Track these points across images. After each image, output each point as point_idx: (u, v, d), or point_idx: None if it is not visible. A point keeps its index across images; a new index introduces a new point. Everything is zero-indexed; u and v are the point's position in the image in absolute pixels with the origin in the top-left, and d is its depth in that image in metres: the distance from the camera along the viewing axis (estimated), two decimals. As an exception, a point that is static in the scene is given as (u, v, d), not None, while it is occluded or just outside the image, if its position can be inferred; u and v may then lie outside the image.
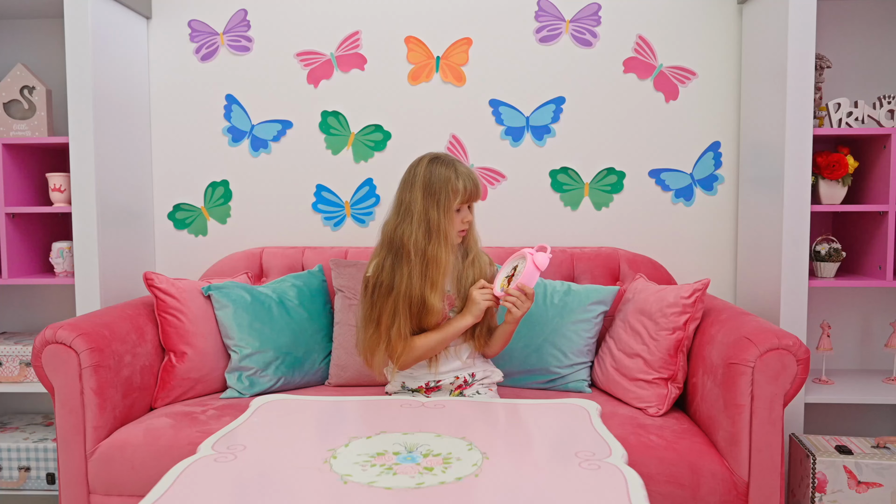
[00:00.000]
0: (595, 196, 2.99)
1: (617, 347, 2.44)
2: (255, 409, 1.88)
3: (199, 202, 3.07)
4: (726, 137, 2.94)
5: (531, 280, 2.07)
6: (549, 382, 2.49)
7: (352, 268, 2.63)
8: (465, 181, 2.10)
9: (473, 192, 2.12)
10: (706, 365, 2.20)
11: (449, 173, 2.08)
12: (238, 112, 3.02)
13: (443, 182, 2.07)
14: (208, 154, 3.05)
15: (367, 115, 3.00)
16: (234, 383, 2.44)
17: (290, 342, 2.51)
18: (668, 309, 2.29)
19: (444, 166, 2.10)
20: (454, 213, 2.10)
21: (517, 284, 2.08)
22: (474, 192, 2.12)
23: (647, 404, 2.29)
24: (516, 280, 2.08)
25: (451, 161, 2.13)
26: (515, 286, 2.08)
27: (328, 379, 2.57)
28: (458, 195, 2.08)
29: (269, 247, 2.93)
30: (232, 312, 2.47)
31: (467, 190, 2.10)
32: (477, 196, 2.14)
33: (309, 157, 3.02)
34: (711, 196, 2.97)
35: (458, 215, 2.12)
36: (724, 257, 2.97)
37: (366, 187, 3.02)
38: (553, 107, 2.96)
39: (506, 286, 2.09)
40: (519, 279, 2.08)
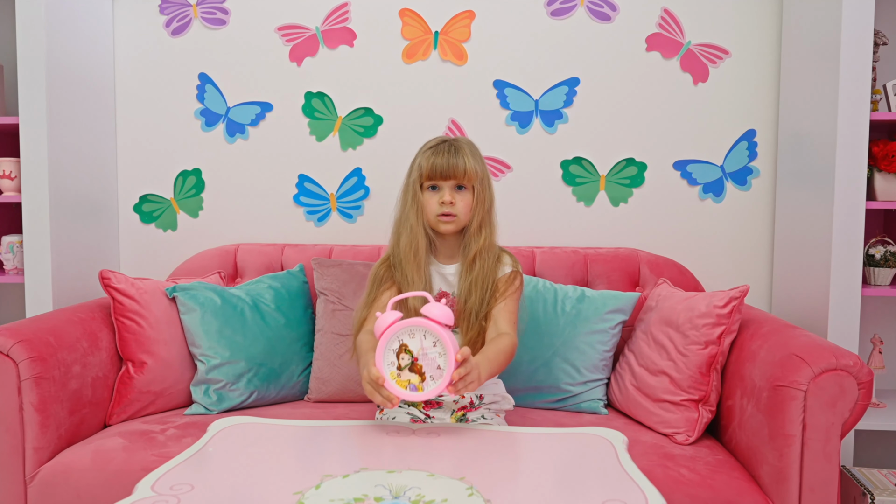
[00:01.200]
0: (612, 190, 2.87)
1: (638, 363, 2.29)
2: (212, 437, 1.68)
3: (168, 193, 2.97)
4: (762, 125, 2.82)
5: (451, 350, 1.63)
6: (560, 402, 2.35)
7: (336, 268, 2.53)
8: (435, 153, 1.96)
9: (445, 168, 1.95)
10: (746, 386, 2.02)
11: (424, 147, 2.00)
12: (212, 93, 2.92)
13: (414, 158, 2.01)
14: (179, 140, 2.95)
15: (356, 97, 2.89)
16: (201, 398, 2.32)
17: (265, 352, 2.41)
18: (699, 320, 2.12)
19: (426, 143, 2.02)
20: (421, 192, 1.98)
21: (449, 380, 1.62)
22: (446, 168, 1.95)
23: (673, 430, 2.13)
24: (428, 364, 1.64)
25: (444, 137, 2.03)
26: (447, 383, 1.62)
27: (308, 394, 2.46)
28: (422, 169, 1.96)
29: (245, 243, 2.84)
30: (199, 317, 2.37)
31: (432, 164, 1.95)
32: (452, 173, 1.95)
33: (291, 143, 2.91)
34: (744, 191, 2.85)
35: (433, 196, 1.97)
36: (758, 261, 2.86)
37: (354, 178, 2.90)
38: (565, 89, 2.84)
39: (396, 376, 1.65)
40: (435, 367, 1.64)
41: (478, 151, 2.01)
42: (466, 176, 1.96)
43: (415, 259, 1.96)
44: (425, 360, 1.65)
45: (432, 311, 1.65)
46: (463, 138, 2.03)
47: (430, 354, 1.65)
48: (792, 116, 2.68)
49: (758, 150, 2.83)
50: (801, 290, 2.57)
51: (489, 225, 2.01)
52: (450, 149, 1.96)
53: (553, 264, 2.64)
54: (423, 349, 1.65)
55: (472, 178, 1.96)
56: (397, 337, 1.66)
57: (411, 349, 1.65)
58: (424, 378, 1.64)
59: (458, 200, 1.97)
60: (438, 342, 1.64)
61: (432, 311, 1.65)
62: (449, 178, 1.96)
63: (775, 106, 2.82)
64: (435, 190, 1.97)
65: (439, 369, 1.63)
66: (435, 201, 1.96)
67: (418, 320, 1.64)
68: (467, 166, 1.96)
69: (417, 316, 1.68)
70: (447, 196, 1.96)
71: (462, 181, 1.96)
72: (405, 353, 1.66)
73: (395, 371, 1.66)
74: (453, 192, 1.97)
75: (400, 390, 1.64)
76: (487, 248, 1.99)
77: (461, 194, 1.98)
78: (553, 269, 2.63)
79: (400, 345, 1.66)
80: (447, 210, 1.96)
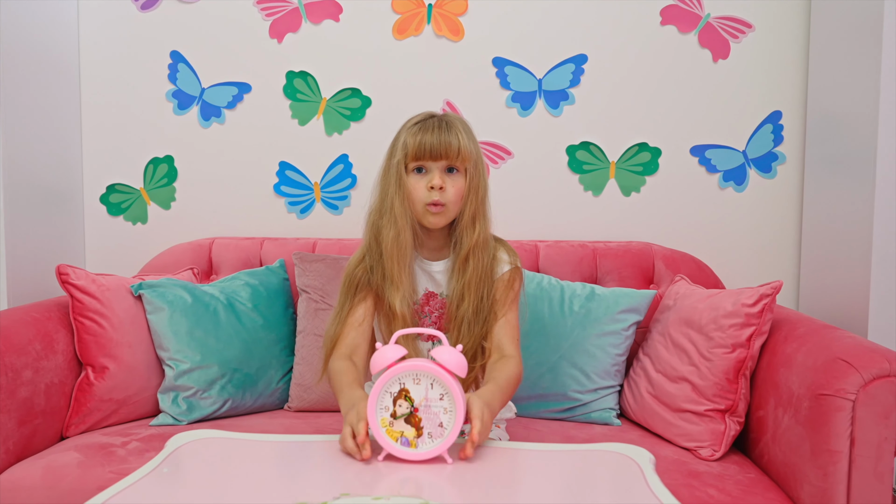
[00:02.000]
0: (623, 178, 2.79)
1: (655, 368, 2.20)
2: (170, 454, 1.51)
3: (137, 182, 2.89)
4: (789, 106, 2.74)
5: (461, 409, 1.46)
6: (568, 411, 2.28)
7: (320, 263, 2.47)
8: (423, 128, 1.78)
9: (435, 146, 1.77)
10: (781, 394, 1.92)
11: (408, 122, 1.82)
12: (185, 73, 2.84)
13: (395, 136, 1.83)
14: (149, 124, 2.87)
15: (342, 76, 2.81)
16: (169, 407, 2.24)
17: (241, 355, 2.34)
18: (724, 320, 2.03)
19: (411, 119, 1.84)
20: (406, 175, 1.79)
21: (470, 440, 1.45)
22: (437, 146, 1.77)
23: (697, 444, 2.02)
24: (429, 418, 1.48)
25: (433, 112, 1.86)
26: (447, 447, 1.44)
27: (288, 402, 2.40)
28: (408, 148, 1.77)
29: (221, 237, 2.78)
30: (167, 317, 2.30)
31: (420, 141, 1.77)
32: (443, 152, 1.77)
33: (271, 128, 2.84)
34: (769, 179, 2.77)
35: (419, 180, 1.79)
36: (784, 256, 2.79)
37: (339, 165, 2.82)
38: (572, 67, 2.75)
39: (388, 424, 1.48)
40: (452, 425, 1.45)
41: (471, 130, 1.84)
42: (460, 156, 1.78)
43: (400, 256, 1.80)
44: (427, 413, 1.48)
45: (444, 358, 1.47)
46: (453, 114, 1.87)
47: (435, 408, 1.48)
48: (823, 96, 2.60)
49: (784, 133, 2.75)
50: (834, 288, 2.49)
51: (483, 217, 1.84)
52: (440, 124, 1.79)
53: (559, 259, 2.56)
54: (426, 400, 1.48)
55: (466, 159, 1.78)
56: (399, 379, 1.49)
57: (413, 397, 1.48)
58: (421, 433, 1.47)
59: (449, 185, 1.78)
60: (447, 396, 1.47)
61: (444, 356, 1.48)
62: (439, 159, 1.78)
63: (803, 85, 2.74)
64: (421, 173, 1.80)
65: (441, 427, 1.46)
66: (422, 186, 1.78)
67: (427, 365, 1.47)
68: (461, 144, 1.78)
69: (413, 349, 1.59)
70: (437, 179, 1.77)
71: (454, 162, 1.78)
72: (405, 401, 1.48)
73: (387, 418, 1.48)
74: (443, 174, 1.79)
75: (390, 443, 1.46)
76: (482, 245, 1.83)
77: (452, 178, 1.80)
78: (559, 264, 2.55)
79: (400, 389, 1.49)
80: (437, 199, 1.77)
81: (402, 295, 1.77)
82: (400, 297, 1.76)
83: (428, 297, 1.87)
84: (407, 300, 1.78)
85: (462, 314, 1.80)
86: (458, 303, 1.81)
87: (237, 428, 2.06)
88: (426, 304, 1.86)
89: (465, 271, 1.80)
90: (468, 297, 1.79)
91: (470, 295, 1.80)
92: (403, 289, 1.78)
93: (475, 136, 1.86)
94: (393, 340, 1.53)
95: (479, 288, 1.81)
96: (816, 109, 2.64)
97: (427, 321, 1.86)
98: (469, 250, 1.80)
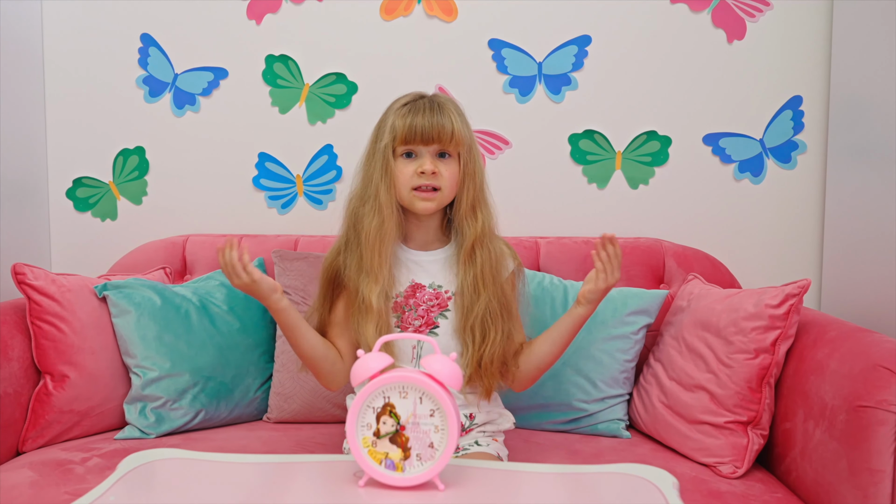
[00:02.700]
0: (630, 169, 2.73)
1: (668, 376, 2.14)
2: (118, 480, 1.40)
3: (106, 176, 2.84)
4: (811, 90, 2.67)
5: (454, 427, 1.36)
6: (572, 423, 2.24)
7: (301, 262, 2.42)
8: (413, 110, 1.77)
9: (426, 128, 1.75)
10: (811, 405, 1.85)
11: (395, 103, 1.82)
12: (157, 57, 2.79)
13: (381, 118, 1.83)
14: (118, 113, 2.83)
15: (325, 60, 2.76)
16: (135, 419, 2.19)
17: (215, 362, 2.30)
18: (746, 322, 1.97)
19: (398, 100, 1.83)
20: (393, 160, 1.78)
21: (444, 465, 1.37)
22: (428, 128, 1.75)
23: (717, 459, 1.95)
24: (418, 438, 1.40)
25: (422, 93, 1.84)
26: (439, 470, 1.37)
27: (267, 412, 2.36)
28: (396, 131, 1.76)
29: (196, 234, 2.74)
30: (134, 320, 2.24)
31: (410, 124, 1.75)
32: (435, 135, 1.76)
33: (249, 116, 2.79)
34: (788, 170, 2.70)
35: (407, 164, 1.77)
36: (805, 252, 2.73)
37: (323, 157, 2.77)
38: (574, 49, 2.69)
39: (370, 444, 1.40)
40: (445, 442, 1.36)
41: (464, 113, 1.83)
42: (454, 140, 1.77)
43: (381, 246, 1.78)
44: (415, 431, 1.38)
45: (435, 368, 1.37)
46: (444, 95, 1.85)
47: (424, 426, 1.38)
48: (848, 79, 2.53)
49: (804, 120, 2.69)
50: (862, 287, 2.42)
51: (485, 205, 1.84)
52: (431, 105, 1.78)
53: (560, 257, 2.51)
54: (415, 416, 1.38)
55: (459, 143, 1.77)
56: (383, 392, 1.39)
57: (399, 413, 1.38)
58: (409, 455, 1.37)
59: (443, 169, 1.77)
60: (438, 412, 1.36)
61: (435, 366, 1.37)
62: (430, 143, 1.77)
63: (826, 67, 2.68)
64: (410, 158, 1.79)
65: (431, 448, 1.35)
66: (411, 171, 1.77)
67: (416, 376, 1.36)
68: (455, 127, 1.77)
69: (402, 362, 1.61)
70: (428, 164, 1.76)
71: (447, 146, 1.77)
72: (389, 417, 1.39)
73: (370, 437, 1.38)
74: (435, 159, 1.78)
75: (372, 465, 1.36)
76: (489, 235, 1.83)
77: (445, 163, 1.79)
78: (561, 262, 2.50)
79: (384, 404, 1.39)
80: (428, 181, 1.76)
81: (380, 288, 1.74)
82: (378, 290, 1.74)
83: (414, 289, 1.83)
84: (384, 294, 1.76)
85: (480, 311, 1.78)
86: (473, 297, 1.79)
87: (210, 442, 2.06)
88: (411, 297, 1.82)
89: (474, 263, 1.79)
90: (485, 292, 1.78)
91: (487, 289, 1.78)
92: (382, 281, 1.76)
93: (468, 120, 1.85)
94: (377, 347, 1.43)
95: (495, 282, 1.81)
96: (840, 94, 2.57)
97: (412, 315, 1.82)
98: (475, 241, 1.79)
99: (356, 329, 1.77)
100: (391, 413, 1.37)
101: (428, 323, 1.80)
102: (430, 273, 1.84)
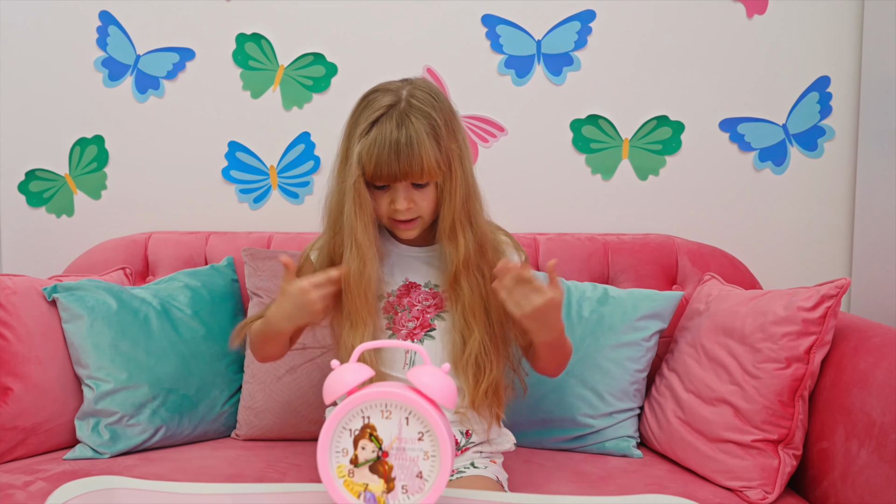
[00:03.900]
0: (639, 159, 2.66)
1: (685, 387, 2.06)
2: None
3: (62, 168, 2.80)
4: (839, 70, 2.59)
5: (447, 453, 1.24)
6: (577, 440, 2.16)
7: (274, 261, 2.38)
8: (377, 142, 1.62)
9: (393, 171, 1.63)
10: (854, 422, 1.75)
11: (358, 118, 1.67)
12: (117, 37, 2.73)
13: (347, 130, 1.70)
14: (75, 99, 2.78)
15: (302, 40, 2.71)
16: (88, 436, 2.11)
17: (177, 373, 2.24)
18: (775, 328, 1.88)
19: (367, 105, 1.67)
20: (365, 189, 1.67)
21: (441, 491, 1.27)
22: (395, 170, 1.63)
23: (743, 483, 1.86)
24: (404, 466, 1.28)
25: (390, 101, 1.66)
26: None
27: (236, 429, 2.29)
28: (363, 166, 1.64)
29: (160, 231, 2.70)
30: (87, 326, 2.18)
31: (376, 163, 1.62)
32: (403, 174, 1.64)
33: (219, 101, 2.75)
34: (815, 158, 2.62)
35: (382, 194, 1.69)
36: (833, 249, 2.66)
37: (300, 146, 2.72)
38: (577, 25, 2.62)
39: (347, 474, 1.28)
40: None
41: (441, 118, 1.67)
42: (424, 174, 1.66)
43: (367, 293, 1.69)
44: (401, 458, 1.24)
45: (424, 381, 1.23)
46: (419, 95, 1.70)
47: (412, 452, 1.24)
48: (881, 58, 2.45)
49: (832, 103, 2.60)
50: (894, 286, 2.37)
51: (468, 225, 1.73)
52: (398, 139, 1.63)
53: (563, 256, 2.46)
54: (400, 440, 1.24)
55: (432, 175, 1.66)
56: (361, 411, 1.25)
57: (381, 437, 1.24)
58: (393, 487, 1.25)
59: (419, 200, 1.70)
60: (428, 435, 1.23)
61: (425, 380, 1.24)
62: (400, 180, 1.67)
63: (857, 44, 2.59)
64: (383, 189, 1.70)
65: (420, 479, 1.22)
66: (385, 204, 1.69)
67: (401, 392, 1.23)
68: (425, 162, 1.63)
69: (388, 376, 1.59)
70: (401, 202, 1.68)
71: (419, 180, 1.68)
72: (370, 441, 1.25)
73: (346, 465, 1.25)
74: (410, 191, 1.69)
75: (348, 499, 1.24)
76: (473, 259, 1.73)
77: (422, 193, 1.71)
78: (563, 261, 2.44)
79: (364, 426, 1.26)
80: (405, 217, 1.70)
81: (361, 336, 1.66)
82: (359, 338, 1.66)
83: (408, 288, 1.78)
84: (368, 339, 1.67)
85: (473, 350, 1.71)
86: (466, 333, 1.72)
87: (171, 462, 2.00)
88: (405, 296, 1.76)
89: (460, 295, 1.71)
90: (477, 328, 1.70)
91: (479, 324, 1.70)
92: (364, 329, 1.68)
93: (452, 121, 1.73)
94: (354, 357, 1.29)
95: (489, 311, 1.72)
96: (872, 74, 2.49)
97: (405, 316, 1.75)
98: (457, 269, 1.71)
99: (339, 333, 1.72)
100: (371, 436, 1.25)
101: (423, 325, 1.73)
102: (425, 271, 1.79)
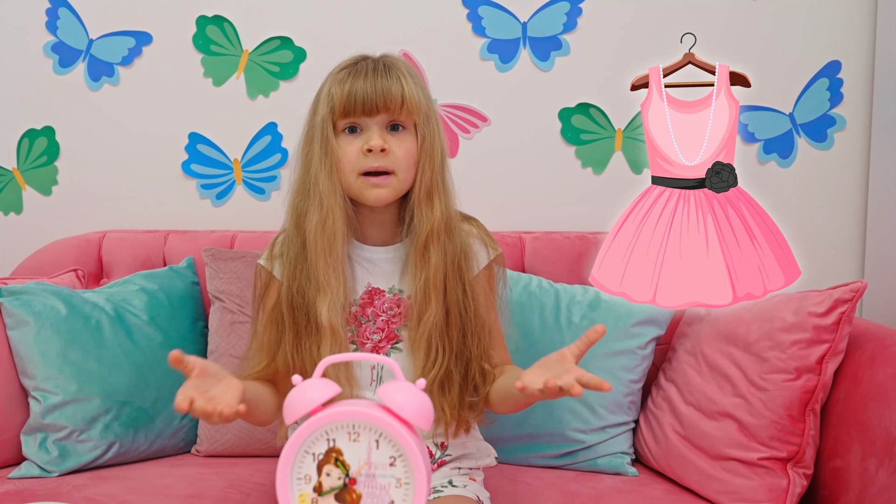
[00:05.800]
0: (633, 151, 2.60)
1: (684, 400, 2.02)
2: None
3: (9, 162, 2.74)
4: (850, 55, 2.53)
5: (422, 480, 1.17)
6: (567, 456, 2.12)
7: (238, 262, 2.34)
8: (354, 73, 1.62)
9: (370, 94, 1.60)
10: (872, 438, 1.71)
11: (336, 68, 1.67)
12: (68, 19, 2.66)
13: (320, 87, 1.68)
14: (22, 87, 2.72)
15: (267, 23, 2.64)
16: (34, 453, 2.09)
17: (132, 384, 2.20)
18: (784, 335, 1.83)
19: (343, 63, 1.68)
20: (334, 137, 1.62)
21: None
22: (372, 94, 1.60)
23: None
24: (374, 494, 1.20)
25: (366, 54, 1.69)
26: None
27: (196, 444, 2.26)
28: (334, 100, 1.60)
29: (115, 230, 2.64)
30: (33, 333, 2.15)
31: (350, 91, 1.59)
32: (382, 103, 1.60)
33: (178, 89, 2.68)
34: (824, 150, 2.57)
35: (352, 142, 1.62)
36: (843, 247, 2.61)
37: (266, 137, 2.66)
38: (566, 6, 2.56)
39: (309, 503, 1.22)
40: None
41: (418, 75, 1.68)
42: (405, 106, 1.61)
43: (329, 249, 1.63)
44: (370, 486, 1.16)
45: (396, 399, 1.16)
46: (395, 55, 1.71)
47: (382, 479, 1.16)
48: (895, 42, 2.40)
49: (843, 90, 2.55)
50: None
51: (443, 188, 1.68)
52: (376, 66, 1.63)
53: (550, 256, 2.41)
54: (369, 466, 1.16)
55: (413, 110, 1.61)
56: (326, 433, 1.17)
57: (348, 462, 1.16)
58: None
59: (395, 146, 1.62)
60: (401, 460, 1.15)
61: (397, 398, 1.16)
62: (376, 112, 1.61)
63: (870, 26, 2.53)
64: (355, 133, 1.63)
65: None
66: (356, 150, 1.61)
67: (370, 411, 1.15)
68: (406, 91, 1.61)
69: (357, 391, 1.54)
70: (375, 139, 1.59)
71: (398, 116, 1.62)
72: (335, 467, 1.17)
73: (308, 493, 1.17)
74: (385, 132, 1.62)
75: None
76: (445, 227, 1.67)
77: (398, 137, 1.63)
78: (551, 262, 2.40)
79: (329, 449, 1.17)
80: (377, 165, 1.60)
81: (329, 301, 1.58)
82: (328, 303, 1.58)
83: (371, 295, 1.70)
84: (337, 307, 1.60)
85: (428, 326, 1.63)
86: (421, 309, 1.65)
87: (125, 481, 1.95)
88: (369, 305, 1.68)
89: (427, 263, 1.64)
90: (435, 302, 1.64)
91: (436, 298, 1.64)
92: (332, 293, 1.60)
93: (425, 84, 1.72)
94: (318, 373, 1.21)
95: (452, 288, 1.65)
96: (886, 60, 2.44)
97: (369, 328, 1.67)
98: (429, 234, 1.64)
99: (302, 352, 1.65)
100: (337, 461, 1.16)
101: (389, 337, 1.65)
102: (388, 274, 1.70)
